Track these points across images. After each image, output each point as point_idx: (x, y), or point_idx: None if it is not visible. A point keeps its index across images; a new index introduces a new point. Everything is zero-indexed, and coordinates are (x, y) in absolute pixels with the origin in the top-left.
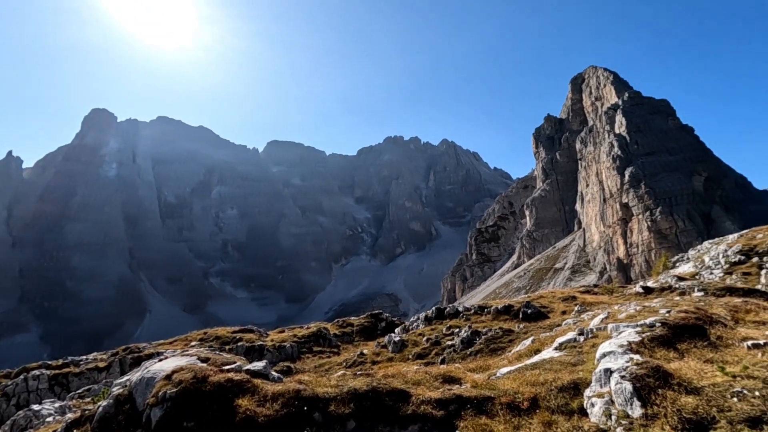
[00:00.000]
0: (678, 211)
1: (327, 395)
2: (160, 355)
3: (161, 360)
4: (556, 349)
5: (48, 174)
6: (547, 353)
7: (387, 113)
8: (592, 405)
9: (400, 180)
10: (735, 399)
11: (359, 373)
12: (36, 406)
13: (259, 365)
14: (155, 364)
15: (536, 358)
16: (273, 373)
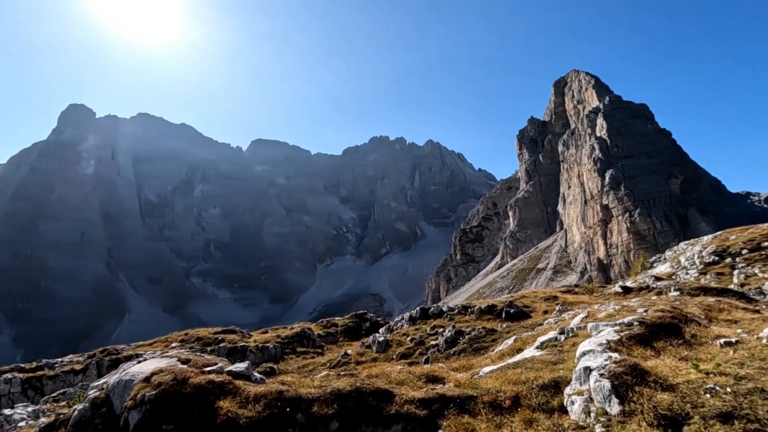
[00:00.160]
0: (656, 212)
1: (310, 396)
2: (139, 357)
3: (140, 362)
4: (537, 348)
5: (22, 171)
6: (529, 352)
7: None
8: (572, 403)
9: (385, 180)
10: (708, 395)
11: (343, 373)
12: (8, 411)
13: (241, 366)
14: (134, 366)
15: (518, 357)
16: (255, 375)
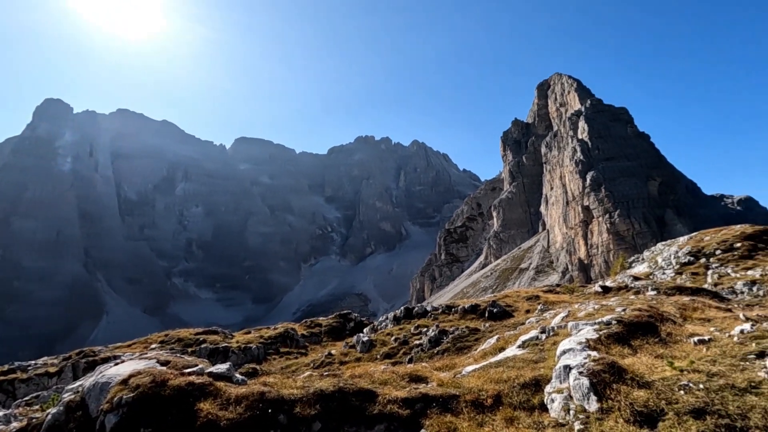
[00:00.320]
0: (635, 214)
1: (292, 397)
2: (117, 359)
3: (118, 364)
4: (519, 347)
5: None
6: (511, 351)
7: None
8: (552, 401)
9: (370, 180)
10: (682, 392)
11: (326, 373)
12: None
13: (222, 368)
14: (111, 368)
15: (500, 356)
16: (237, 376)
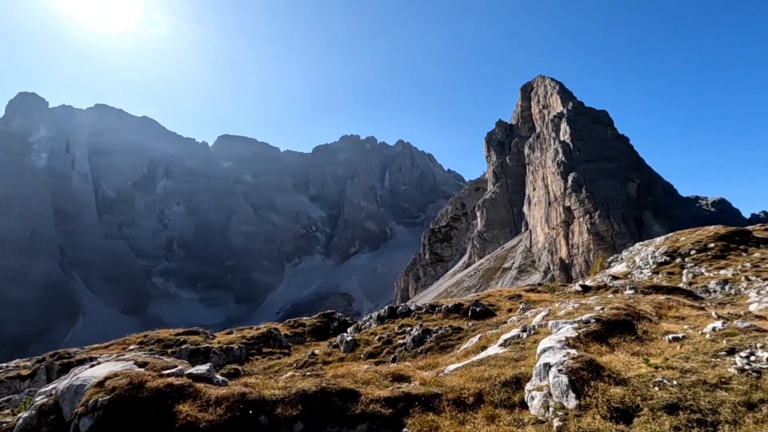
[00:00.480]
0: (614, 214)
1: (274, 397)
2: (93, 361)
3: (93, 365)
4: (501, 345)
5: None
6: (493, 350)
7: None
8: (532, 398)
9: (355, 179)
10: (656, 388)
11: (309, 373)
12: None
13: (202, 369)
14: (86, 370)
15: (482, 355)
16: (218, 377)
